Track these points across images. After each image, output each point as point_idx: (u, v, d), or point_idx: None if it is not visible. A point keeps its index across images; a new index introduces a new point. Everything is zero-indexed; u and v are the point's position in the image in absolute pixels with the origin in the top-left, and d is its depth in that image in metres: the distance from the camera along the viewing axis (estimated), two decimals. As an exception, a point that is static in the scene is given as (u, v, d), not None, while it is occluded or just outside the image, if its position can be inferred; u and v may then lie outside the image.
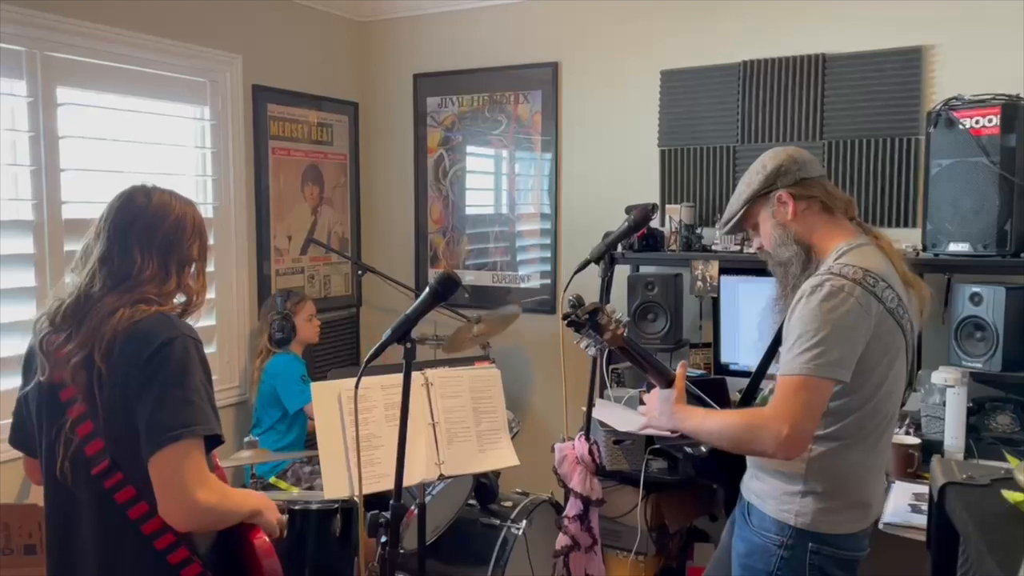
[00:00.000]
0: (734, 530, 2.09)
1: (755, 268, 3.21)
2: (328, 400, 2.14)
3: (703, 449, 2.10)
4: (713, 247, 3.40)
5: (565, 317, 2.06)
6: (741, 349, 3.34)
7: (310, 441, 3.69)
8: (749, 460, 2.07)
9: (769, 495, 1.95)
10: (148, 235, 1.69)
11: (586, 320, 2.04)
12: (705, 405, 2.10)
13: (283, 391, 3.55)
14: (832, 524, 1.88)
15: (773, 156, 2.00)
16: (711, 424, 1.94)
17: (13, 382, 1.78)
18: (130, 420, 1.57)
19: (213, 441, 1.63)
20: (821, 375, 1.76)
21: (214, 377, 3.82)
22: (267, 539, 1.74)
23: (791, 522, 1.89)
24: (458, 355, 3.64)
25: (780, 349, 1.95)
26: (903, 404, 1.99)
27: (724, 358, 3.40)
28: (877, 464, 1.96)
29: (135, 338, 1.58)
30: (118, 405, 1.58)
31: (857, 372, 1.80)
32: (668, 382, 2.10)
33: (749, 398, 2.16)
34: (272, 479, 3.02)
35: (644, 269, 3.61)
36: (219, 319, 3.75)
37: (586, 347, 2.11)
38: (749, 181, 2.01)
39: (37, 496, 2.76)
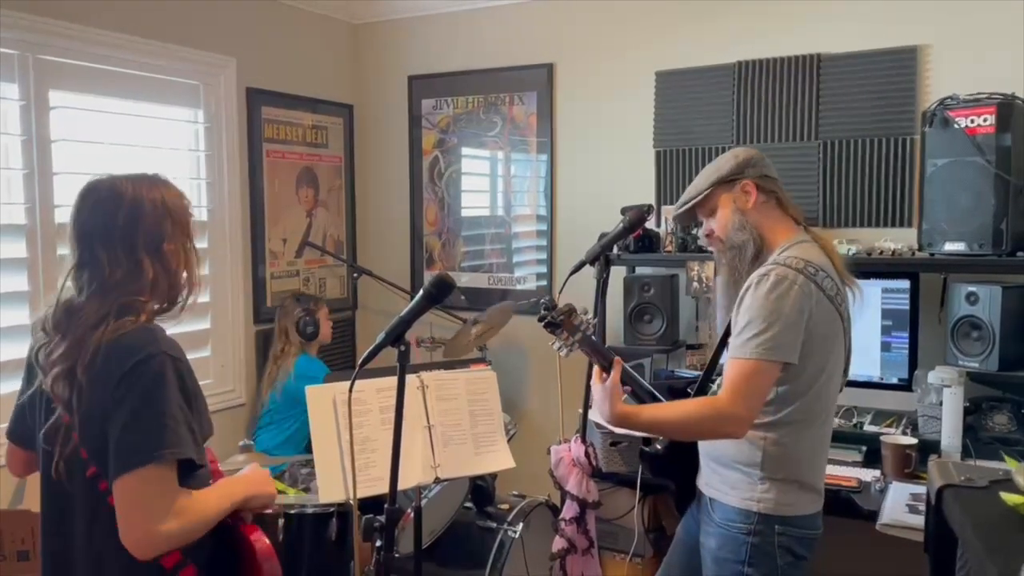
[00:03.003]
0: (700, 528, 2.14)
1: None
2: (323, 403, 2.12)
3: (659, 447, 2.15)
4: (709, 248, 3.38)
5: (541, 319, 2.09)
6: (737, 350, 3.33)
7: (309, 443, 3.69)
8: (703, 456, 2.13)
9: (730, 487, 2.03)
10: (106, 233, 1.61)
11: (562, 321, 2.07)
12: (655, 400, 2.14)
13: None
14: (792, 506, 1.98)
15: (743, 150, 2.14)
16: (667, 416, 2.01)
17: (9, 385, 1.76)
18: (104, 434, 1.54)
19: (189, 465, 1.57)
20: (770, 358, 1.89)
21: (207, 381, 3.78)
22: (267, 540, 1.71)
23: (755, 509, 1.98)
24: (454, 358, 3.63)
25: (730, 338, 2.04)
26: (841, 389, 2.11)
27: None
28: (824, 446, 2.08)
29: (115, 354, 1.54)
30: (94, 418, 1.54)
31: (801, 356, 1.92)
32: (649, 394, 2.14)
33: (702, 392, 2.21)
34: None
35: (640, 270, 3.60)
36: (214, 322, 3.74)
37: (559, 348, 2.13)
38: (718, 167, 2.12)
39: (30, 502, 2.76)
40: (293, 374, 3.68)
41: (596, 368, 2.10)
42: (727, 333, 2.10)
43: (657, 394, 2.16)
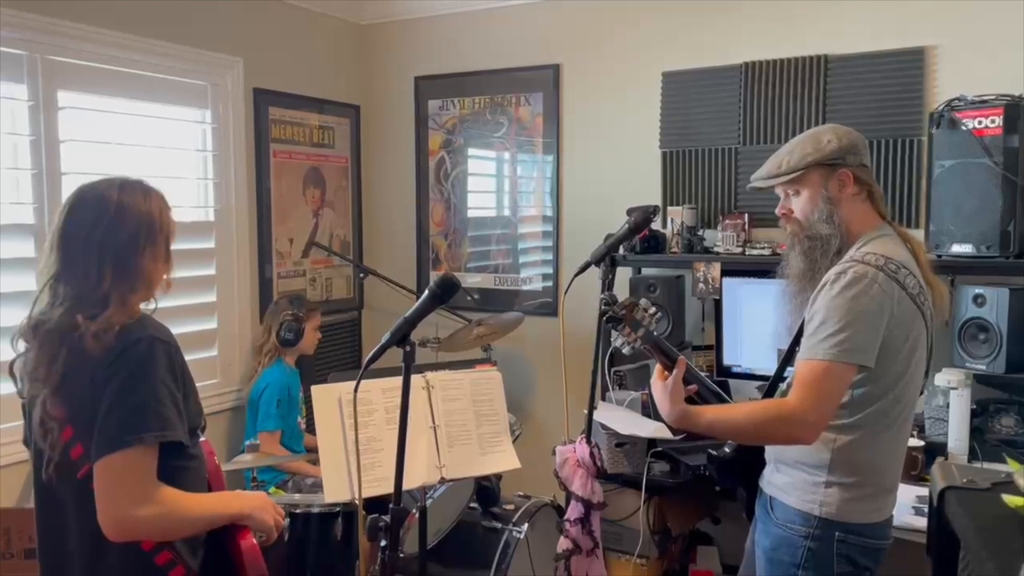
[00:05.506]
0: (757, 526, 2.07)
1: (757, 270, 3.21)
2: (328, 403, 2.13)
3: (727, 450, 2.08)
4: (715, 249, 3.39)
5: (602, 315, 2.04)
6: (744, 351, 3.33)
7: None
8: (769, 454, 2.06)
9: (792, 487, 1.94)
10: (87, 240, 1.60)
11: (623, 315, 2.01)
12: (720, 401, 2.08)
13: (261, 406, 3.51)
14: (857, 513, 1.89)
15: (847, 132, 1.96)
16: (731, 418, 1.93)
17: (11, 385, 1.77)
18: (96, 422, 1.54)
19: (179, 450, 1.58)
20: (844, 360, 1.78)
21: (214, 380, 3.77)
22: (255, 541, 1.71)
23: (816, 512, 1.89)
24: (459, 358, 3.63)
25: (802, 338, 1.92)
26: (922, 392, 1.99)
27: (727, 360, 3.39)
28: (900, 452, 1.97)
29: (104, 341, 1.54)
30: (88, 406, 1.55)
31: (880, 358, 1.81)
32: (714, 394, 2.07)
33: (771, 391, 2.13)
34: (272, 490, 3.01)
35: (646, 271, 3.60)
36: (220, 322, 3.75)
37: (621, 344, 2.07)
38: (818, 146, 1.93)
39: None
40: (256, 380, 3.59)
41: (659, 367, 2.01)
42: (800, 331, 1.97)
43: (723, 394, 2.09)
